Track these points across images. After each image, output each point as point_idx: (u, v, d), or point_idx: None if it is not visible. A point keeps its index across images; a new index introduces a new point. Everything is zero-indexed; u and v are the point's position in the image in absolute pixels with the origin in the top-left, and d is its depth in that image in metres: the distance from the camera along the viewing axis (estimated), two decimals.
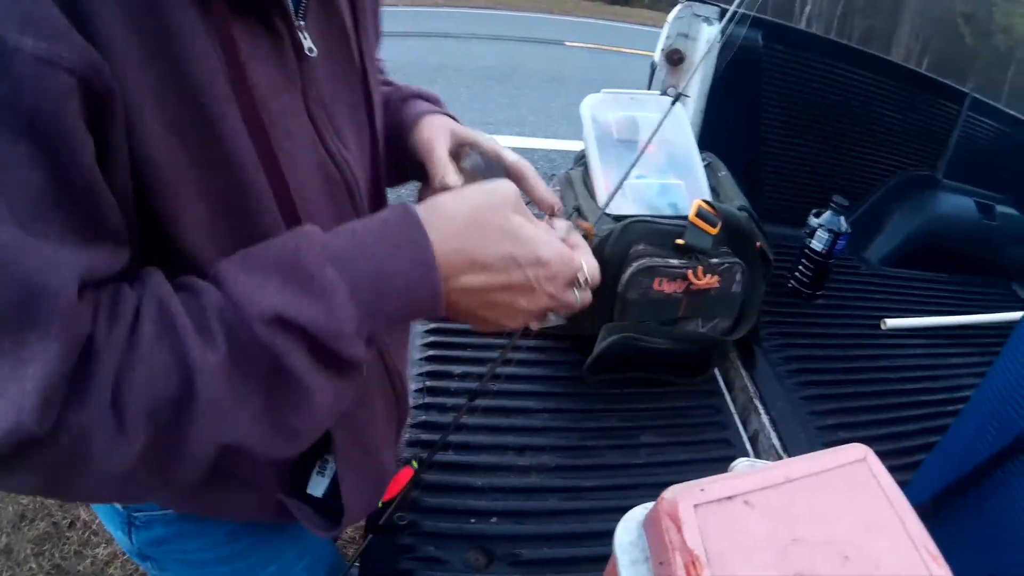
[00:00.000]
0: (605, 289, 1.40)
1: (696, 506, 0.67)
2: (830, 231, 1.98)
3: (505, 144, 0.79)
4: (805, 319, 2.01)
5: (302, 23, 0.59)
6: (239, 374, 0.51)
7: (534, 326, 0.67)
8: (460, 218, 0.58)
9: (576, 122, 1.73)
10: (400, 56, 7.40)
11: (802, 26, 29.74)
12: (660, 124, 1.23)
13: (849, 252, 2.42)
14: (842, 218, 1.99)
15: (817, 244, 1.99)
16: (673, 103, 1.31)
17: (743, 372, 1.68)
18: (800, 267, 2.06)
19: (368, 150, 0.73)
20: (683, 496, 0.68)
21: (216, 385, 0.49)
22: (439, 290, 0.56)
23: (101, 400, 0.46)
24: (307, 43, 0.60)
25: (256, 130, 0.55)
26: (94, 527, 2.17)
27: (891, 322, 2.03)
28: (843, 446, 0.84)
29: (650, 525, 0.71)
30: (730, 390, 1.66)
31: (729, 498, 0.69)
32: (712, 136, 2.26)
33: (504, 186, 0.61)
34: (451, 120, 0.82)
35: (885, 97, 2.52)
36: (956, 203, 2.55)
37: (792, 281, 2.08)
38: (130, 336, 0.47)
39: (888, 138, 2.58)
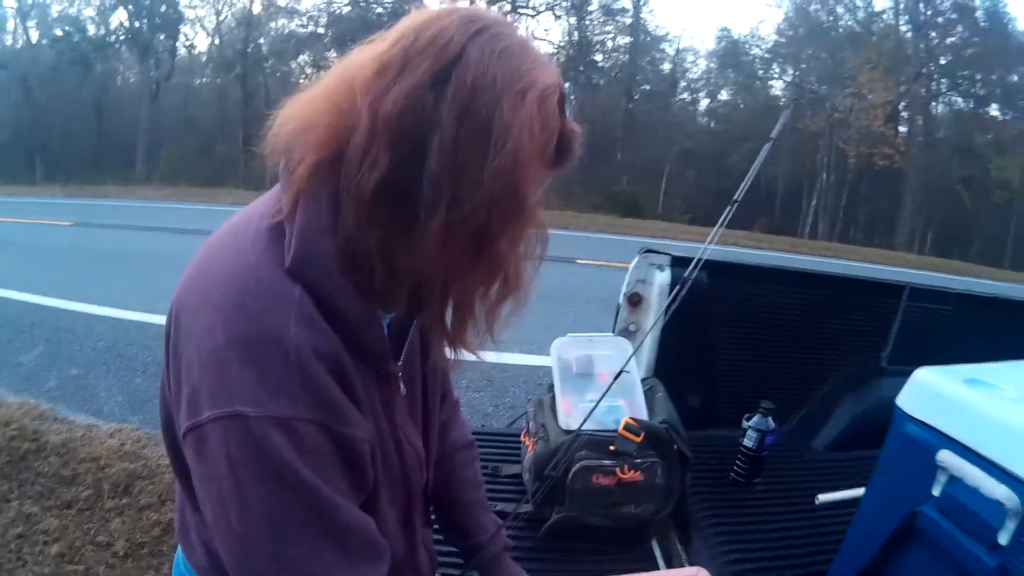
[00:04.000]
0: (557, 482, 1.94)
1: None
2: (758, 431, 2.45)
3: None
4: (741, 503, 2.40)
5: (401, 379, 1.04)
6: None
7: None
8: None
9: None
10: None
11: (810, 219, 30.52)
12: (619, 374, 1.80)
13: (797, 443, 2.81)
14: (769, 419, 2.45)
15: (748, 442, 2.46)
16: (617, 375, 1.86)
17: (679, 547, 2.13)
18: (737, 461, 2.53)
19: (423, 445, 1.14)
20: None
21: None
22: None
23: None
24: (403, 388, 1.04)
25: (395, 434, 1.00)
26: None
27: (823, 497, 2.32)
28: (685, 568, 1.29)
29: None
30: (668, 563, 2.07)
31: None
32: (668, 361, 2.71)
33: None
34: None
35: (826, 305, 2.87)
36: (898, 384, 2.78)
37: (732, 473, 2.54)
38: None
39: (832, 339, 2.91)
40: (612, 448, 1.96)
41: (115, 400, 4.31)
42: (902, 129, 30.28)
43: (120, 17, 33.14)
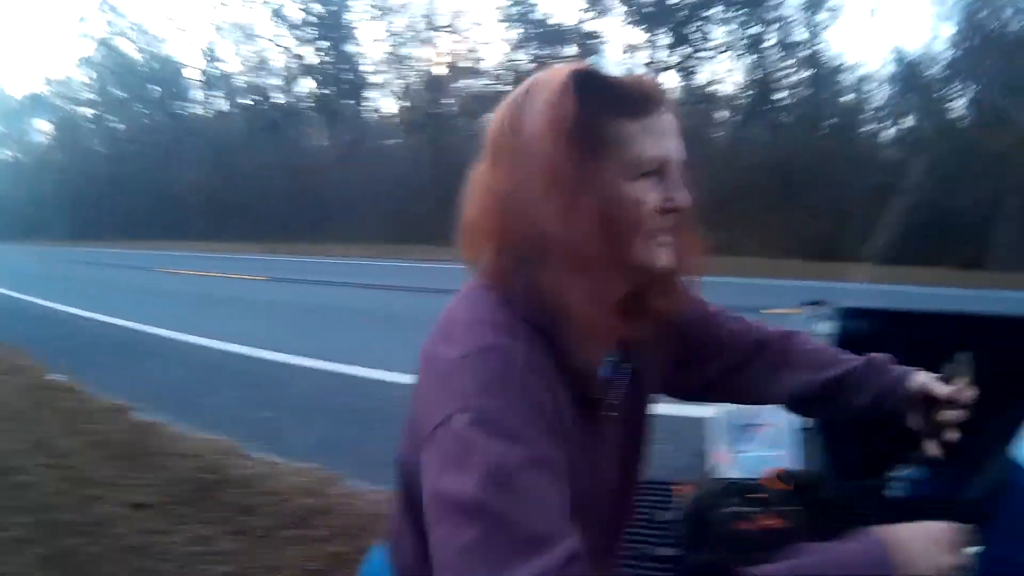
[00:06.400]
0: (703, 528, 1.99)
1: None
2: (910, 480, 2.34)
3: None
4: None
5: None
6: None
7: None
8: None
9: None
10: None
11: (1003, 249, 28.09)
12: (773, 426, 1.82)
13: (954, 491, 2.69)
14: (922, 468, 2.36)
15: (898, 491, 2.33)
16: (773, 427, 1.90)
17: None
18: (887, 511, 2.42)
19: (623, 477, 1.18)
20: None
21: None
22: None
23: None
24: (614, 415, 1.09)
25: (592, 459, 1.03)
26: None
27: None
28: None
29: None
30: None
31: None
32: None
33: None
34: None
35: (1000, 352, 2.70)
36: None
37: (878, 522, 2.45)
38: None
39: (1003, 385, 2.74)
40: (758, 496, 1.97)
41: (302, 442, 4.49)
42: None
43: (306, 85, 36.01)
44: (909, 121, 34.75)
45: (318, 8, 34.02)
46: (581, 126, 0.92)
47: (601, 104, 0.93)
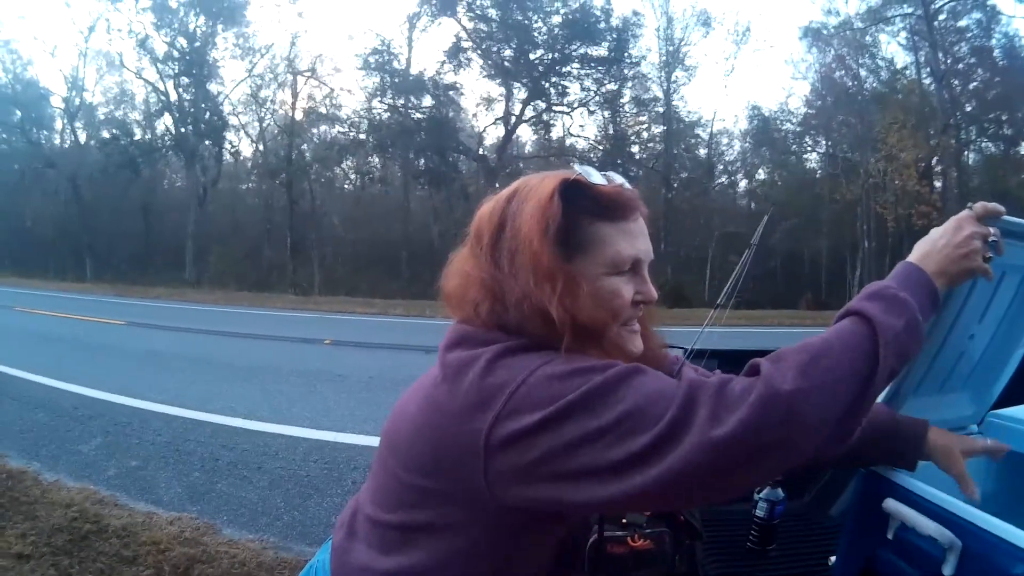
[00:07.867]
0: (576, 551, 2.14)
1: None
2: (768, 501, 2.61)
3: None
4: (754, 569, 2.56)
5: None
6: None
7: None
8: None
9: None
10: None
11: (855, 289, 29.79)
12: None
13: (816, 511, 2.92)
14: (779, 489, 2.62)
15: (759, 512, 2.61)
16: None
17: None
18: (751, 531, 2.68)
19: None
20: None
21: None
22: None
23: None
24: None
25: None
26: None
27: (835, 558, 2.50)
28: None
29: None
30: None
31: None
32: None
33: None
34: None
35: None
36: None
37: (748, 542, 2.70)
38: None
39: None
40: (624, 520, 2.17)
41: (174, 491, 4.46)
42: (937, 184, 30.25)
43: (166, 122, 34.70)
44: (762, 174, 36.65)
45: (183, 43, 32.98)
46: (565, 228, 1.06)
47: (583, 209, 1.08)
